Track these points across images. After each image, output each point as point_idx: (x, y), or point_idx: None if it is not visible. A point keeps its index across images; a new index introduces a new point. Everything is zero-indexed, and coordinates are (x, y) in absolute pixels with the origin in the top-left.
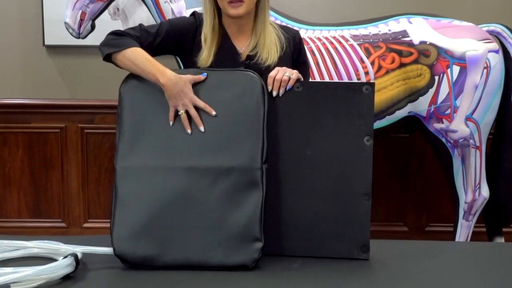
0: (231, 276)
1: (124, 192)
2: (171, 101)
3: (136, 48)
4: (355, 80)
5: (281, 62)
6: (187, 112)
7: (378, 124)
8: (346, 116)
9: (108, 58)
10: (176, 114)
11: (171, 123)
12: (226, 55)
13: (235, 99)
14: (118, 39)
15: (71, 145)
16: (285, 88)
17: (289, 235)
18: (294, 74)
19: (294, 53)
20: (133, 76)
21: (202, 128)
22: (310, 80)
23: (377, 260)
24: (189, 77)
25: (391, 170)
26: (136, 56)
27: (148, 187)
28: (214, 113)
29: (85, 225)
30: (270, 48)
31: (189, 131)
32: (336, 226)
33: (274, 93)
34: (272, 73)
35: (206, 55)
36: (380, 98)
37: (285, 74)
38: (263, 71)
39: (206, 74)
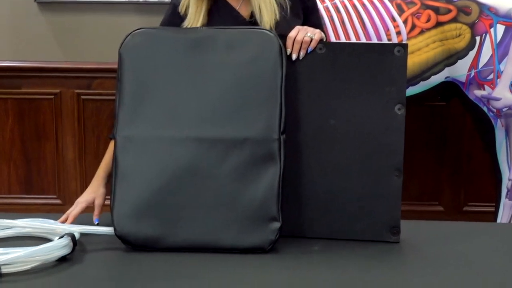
0: (245, 259)
1: (125, 165)
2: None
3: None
4: (385, 41)
5: (285, 18)
6: None
7: (411, 90)
8: (375, 82)
9: None
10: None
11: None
12: (223, 15)
13: (249, 62)
14: None
15: (66, 113)
16: (306, 50)
17: (310, 214)
18: (316, 34)
19: (303, 2)
20: (134, 35)
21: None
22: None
23: (409, 243)
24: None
25: (425, 143)
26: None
27: (152, 160)
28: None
29: None
30: (271, 6)
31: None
32: (363, 204)
33: (294, 56)
34: (291, 33)
35: (192, 17)
36: (414, 61)
37: (306, 35)
38: None
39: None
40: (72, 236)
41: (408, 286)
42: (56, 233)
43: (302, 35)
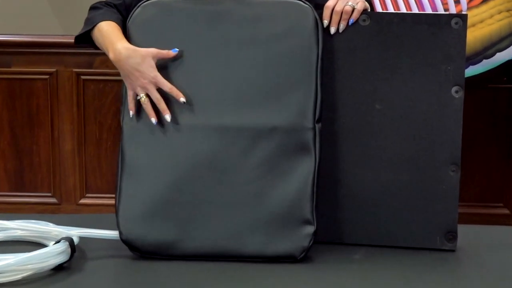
0: (273, 269)
1: (134, 158)
2: (126, 82)
3: (106, 22)
4: (441, 11)
5: None
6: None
7: (471, 70)
8: (429, 59)
9: (81, 41)
10: (137, 100)
11: (131, 113)
12: None
13: (279, 38)
14: (93, 13)
15: (63, 96)
16: (347, 22)
17: (350, 216)
18: (359, 3)
19: None
20: (145, 7)
21: (168, 117)
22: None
23: (467, 252)
24: (151, 51)
25: (487, 133)
26: (101, 31)
27: (165, 152)
28: (182, 99)
29: (82, 201)
30: None
31: (154, 120)
32: (413, 206)
33: (333, 30)
34: (329, 3)
35: None
36: (475, 35)
37: (347, 4)
38: None
39: (177, 50)
40: (70, 240)
41: None
42: (52, 237)
43: (342, 4)
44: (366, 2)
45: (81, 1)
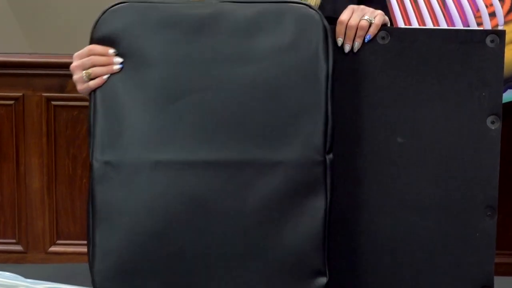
0: None
1: (107, 200)
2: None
3: None
4: (474, 26)
5: None
6: None
7: (510, 94)
8: (460, 84)
9: None
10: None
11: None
12: None
13: (281, 52)
14: None
15: (31, 125)
16: (363, 39)
17: (367, 267)
18: (377, 16)
19: None
20: (114, 12)
21: (118, 63)
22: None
23: None
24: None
25: None
26: None
27: (143, 194)
28: (116, 67)
29: (52, 248)
30: None
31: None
32: (441, 256)
33: (347, 47)
34: (343, 16)
35: None
36: None
37: (363, 18)
38: None
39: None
40: None
41: None
42: None
43: (358, 18)
44: (385, 16)
45: (52, 16)
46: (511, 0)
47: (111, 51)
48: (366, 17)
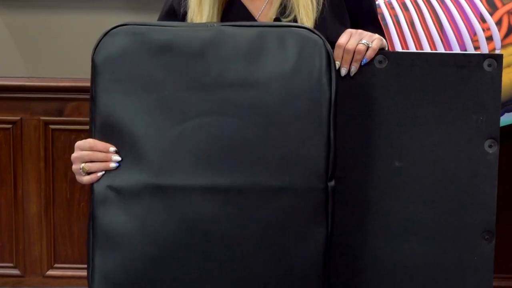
0: None
1: (108, 224)
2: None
3: None
4: (471, 50)
5: (324, 23)
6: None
7: (508, 118)
8: (457, 108)
9: None
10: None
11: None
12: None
13: (285, 77)
14: None
15: (28, 149)
16: (360, 63)
17: None
18: (374, 41)
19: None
20: (115, 35)
21: (114, 161)
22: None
23: None
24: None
25: None
26: None
27: (143, 218)
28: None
29: (50, 272)
30: (307, 6)
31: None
32: (440, 280)
33: (343, 71)
34: (341, 40)
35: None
36: (511, 77)
37: (360, 41)
38: None
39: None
40: None
41: None
42: None
43: (355, 42)
44: (383, 40)
45: (50, 40)
46: (508, 24)
47: (112, 149)
48: (363, 41)
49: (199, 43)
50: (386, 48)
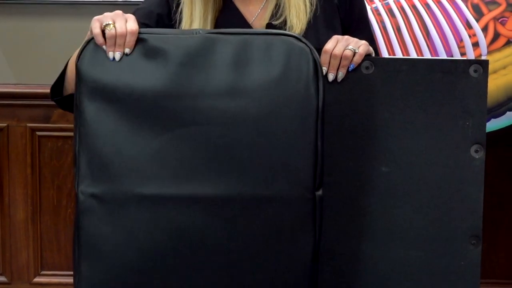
0: None
1: (92, 234)
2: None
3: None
4: (457, 56)
5: (315, 27)
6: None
7: (494, 124)
8: (444, 114)
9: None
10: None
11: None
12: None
13: (272, 85)
14: None
15: (15, 155)
16: (347, 69)
17: None
18: (361, 46)
19: (340, 5)
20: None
21: (127, 50)
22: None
23: None
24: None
25: None
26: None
27: (129, 227)
28: (127, 49)
29: (37, 279)
30: (299, 8)
31: (111, 55)
32: (427, 283)
33: (331, 77)
34: (327, 45)
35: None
36: (497, 83)
37: (347, 47)
38: None
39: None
40: None
41: None
42: None
43: (342, 47)
44: (370, 46)
45: (36, 47)
46: (494, 30)
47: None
48: (350, 47)
49: (186, 52)
50: (373, 55)
